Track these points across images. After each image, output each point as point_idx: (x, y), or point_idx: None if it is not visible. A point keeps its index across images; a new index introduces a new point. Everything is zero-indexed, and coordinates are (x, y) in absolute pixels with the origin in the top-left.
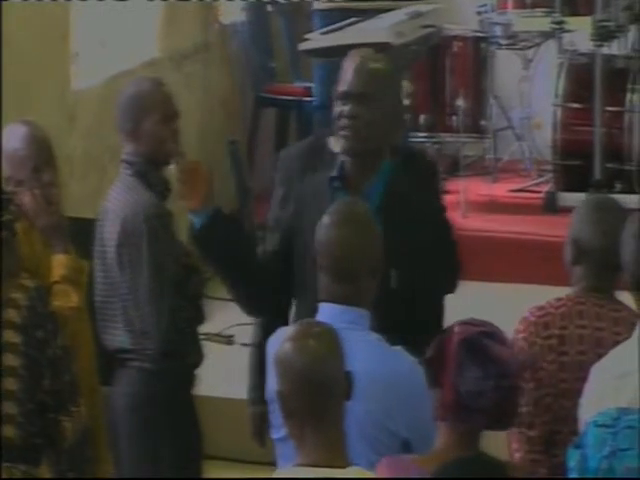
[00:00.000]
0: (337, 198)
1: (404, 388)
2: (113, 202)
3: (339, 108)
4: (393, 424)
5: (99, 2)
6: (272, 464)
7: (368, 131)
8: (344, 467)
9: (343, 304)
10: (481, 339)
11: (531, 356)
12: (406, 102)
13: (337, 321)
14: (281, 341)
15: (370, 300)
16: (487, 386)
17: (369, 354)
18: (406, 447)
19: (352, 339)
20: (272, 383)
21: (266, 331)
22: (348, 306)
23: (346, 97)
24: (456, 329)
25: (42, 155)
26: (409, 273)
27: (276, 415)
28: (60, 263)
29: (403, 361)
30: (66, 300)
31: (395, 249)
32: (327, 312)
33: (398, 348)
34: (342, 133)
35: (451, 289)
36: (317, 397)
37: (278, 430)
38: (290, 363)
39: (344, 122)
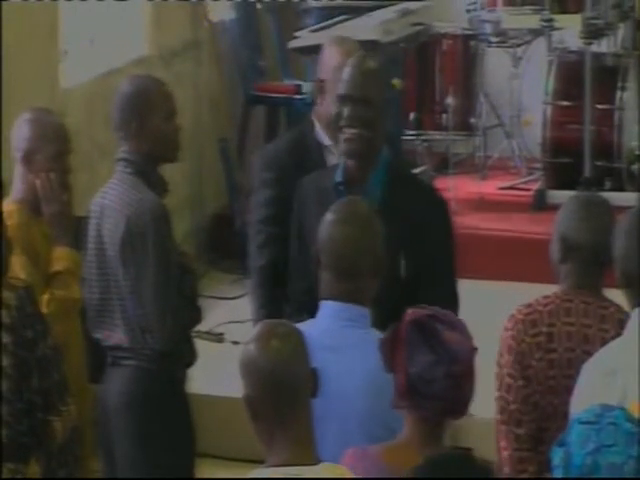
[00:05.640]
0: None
1: None
2: (113, 200)
3: (339, 110)
4: (394, 421)
5: (88, 0)
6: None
7: (372, 132)
8: (314, 464)
9: (345, 302)
10: (431, 322)
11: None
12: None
13: (338, 318)
14: (245, 343)
15: (371, 299)
16: (438, 372)
17: (370, 352)
18: None
19: (353, 337)
20: None
21: None
22: (350, 304)
23: (348, 100)
24: (408, 313)
25: (65, 142)
26: (418, 260)
27: None
28: (65, 255)
29: None
30: (69, 291)
31: (403, 238)
32: (329, 309)
33: None
34: (347, 136)
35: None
36: (284, 398)
37: None
38: (255, 365)
39: (349, 125)
